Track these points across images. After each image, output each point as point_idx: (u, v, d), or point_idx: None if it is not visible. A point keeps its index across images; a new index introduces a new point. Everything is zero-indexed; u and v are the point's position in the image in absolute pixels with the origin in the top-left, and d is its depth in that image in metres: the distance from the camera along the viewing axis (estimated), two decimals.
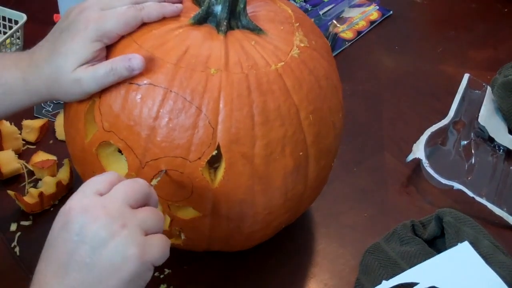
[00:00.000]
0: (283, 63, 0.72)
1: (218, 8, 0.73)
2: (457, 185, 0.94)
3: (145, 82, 0.69)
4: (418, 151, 0.97)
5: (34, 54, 0.73)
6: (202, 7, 0.74)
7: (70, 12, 0.72)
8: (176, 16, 0.74)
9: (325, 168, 0.79)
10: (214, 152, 0.68)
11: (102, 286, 0.56)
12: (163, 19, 0.73)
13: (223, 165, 0.69)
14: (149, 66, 0.69)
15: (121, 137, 0.70)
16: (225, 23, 0.73)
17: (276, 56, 0.72)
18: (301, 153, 0.72)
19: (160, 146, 0.68)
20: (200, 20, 0.74)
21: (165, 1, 0.73)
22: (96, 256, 0.56)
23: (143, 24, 0.72)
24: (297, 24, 0.76)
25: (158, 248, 0.58)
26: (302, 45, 0.74)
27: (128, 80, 0.69)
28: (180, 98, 0.68)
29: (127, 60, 0.68)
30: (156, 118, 0.68)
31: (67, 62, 0.69)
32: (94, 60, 0.70)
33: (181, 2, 0.75)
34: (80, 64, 0.69)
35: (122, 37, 0.71)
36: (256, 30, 0.74)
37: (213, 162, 0.70)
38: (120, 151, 0.72)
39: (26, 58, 0.73)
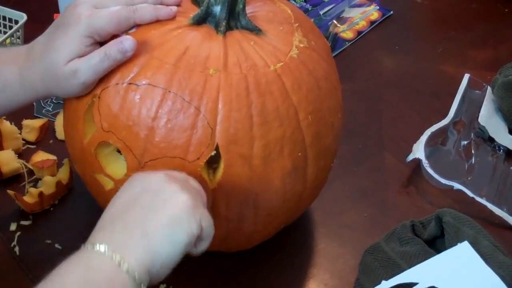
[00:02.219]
0: (282, 63, 0.71)
1: (217, 9, 0.73)
2: (457, 185, 0.94)
3: (144, 82, 0.69)
4: (418, 151, 0.97)
5: (31, 49, 0.73)
6: (201, 8, 0.74)
7: (65, 9, 0.72)
8: (175, 17, 0.74)
9: (324, 168, 0.78)
10: (213, 153, 0.68)
11: (154, 215, 0.59)
12: (162, 20, 0.73)
13: (221, 166, 0.69)
14: (148, 66, 0.69)
15: (120, 137, 0.70)
16: (224, 24, 0.72)
17: (275, 56, 0.72)
18: (299, 154, 0.72)
19: (159, 146, 0.68)
20: (199, 21, 0.73)
21: (161, 3, 0.73)
22: (155, 198, 0.61)
23: (142, 24, 0.72)
24: (297, 25, 0.76)
25: (207, 215, 0.63)
26: (302, 45, 0.74)
27: (127, 80, 0.69)
28: (178, 98, 0.67)
29: (119, 42, 0.68)
30: (155, 119, 0.68)
31: (59, 56, 0.69)
32: (85, 55, 0.70)
33: (179, 5, 0.75)
34: (72, 58, 0.69)
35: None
36: (255, 30, 0.74)
37: (212, 163, 0.70)
38: (119, 151, 0.72)
39: (23, 54, 0.73)
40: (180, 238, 0.59)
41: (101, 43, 0.71)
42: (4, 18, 1.12)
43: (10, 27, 1.11)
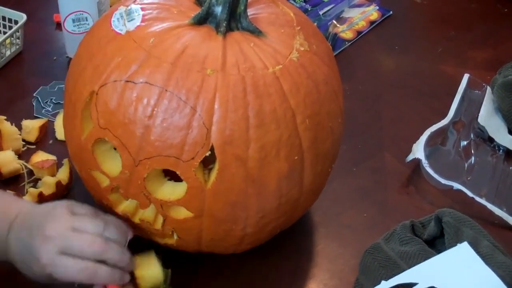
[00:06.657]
0: (281, 66, 0.71)
1: (218, 9, 0.73)
2: (456, 185, 0.94)
3: (141, 80, 0.69)
4: (418, 151, 0.97)
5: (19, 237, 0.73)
6: (203, 8, 0.74)
7: (38, 226, 0.71)
8: (176, 15, 0.74)
9: (322, 173, 0.78)
10: (208, 153, 0.68)
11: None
12: (164, 17, 0.73)
13: (216, 166, 0.69)
14: (146, 64, 0.69)
15: (116, 135, 0.70)
16: (224, 24, 0.72)
17: (275, 59, 0.72)
18: (296, 158, 0.72)
19: (154, 145, 0.68)
20: (200, 21, 0.74)
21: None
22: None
23: (145, 26, 0.72)
24: (299, 28, 0.76)
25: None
26: (302, 49, 0.74)
27: (125, 78, 0.69)
28: (175, 97, 0.68)
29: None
30: (151, 117, 0.68)
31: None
32: None
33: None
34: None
35: (121, 36, 0.72)
36: (256, 32, 0.74)
37: (209, 163, 0.70)
38: (115, 149, 0.72)
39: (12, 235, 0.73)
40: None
41: None
42: (4, 18, 1.12)
43: (10, 27, 1.11)
